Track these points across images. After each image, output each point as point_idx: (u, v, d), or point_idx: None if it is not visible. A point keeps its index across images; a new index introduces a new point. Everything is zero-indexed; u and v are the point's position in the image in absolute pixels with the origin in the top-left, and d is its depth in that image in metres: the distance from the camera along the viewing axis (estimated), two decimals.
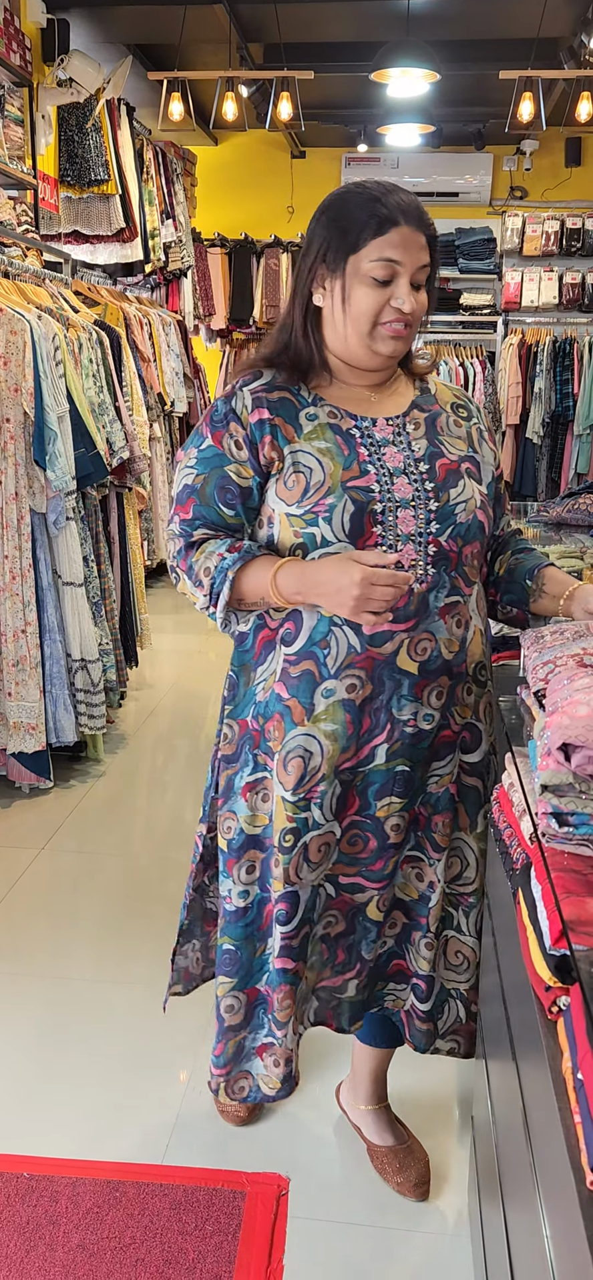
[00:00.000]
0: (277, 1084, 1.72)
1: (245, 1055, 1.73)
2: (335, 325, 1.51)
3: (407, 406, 1.58)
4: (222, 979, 1.70)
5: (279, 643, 1.55)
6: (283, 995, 1.65)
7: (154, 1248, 1.70)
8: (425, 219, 1.50)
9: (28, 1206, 1.77)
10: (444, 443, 1.57)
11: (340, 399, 1.55)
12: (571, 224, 7.51)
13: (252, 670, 1.60)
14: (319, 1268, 1.69)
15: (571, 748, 1.13)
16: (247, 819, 1.63)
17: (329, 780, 1.55)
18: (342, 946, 1.67)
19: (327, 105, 7.23)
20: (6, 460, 3.20)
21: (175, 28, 5.58)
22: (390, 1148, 1.86)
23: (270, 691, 1.56)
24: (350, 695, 1.51)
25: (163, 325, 5.81)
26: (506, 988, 1.34)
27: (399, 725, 1.53)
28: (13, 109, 4.76)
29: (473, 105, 7.35)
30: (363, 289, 1.47)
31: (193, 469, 1.54)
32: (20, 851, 3.05)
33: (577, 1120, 0.87)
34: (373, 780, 1.56)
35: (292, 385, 1.54)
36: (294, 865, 1.58)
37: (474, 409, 1.67)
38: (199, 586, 1.53)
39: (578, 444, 7.24)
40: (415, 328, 1.53)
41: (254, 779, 1.61)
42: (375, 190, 1.48)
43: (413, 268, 1.47)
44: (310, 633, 1.51)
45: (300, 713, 1.53)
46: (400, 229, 1.45)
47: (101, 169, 5.27)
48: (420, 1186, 1.82)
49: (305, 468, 1.49)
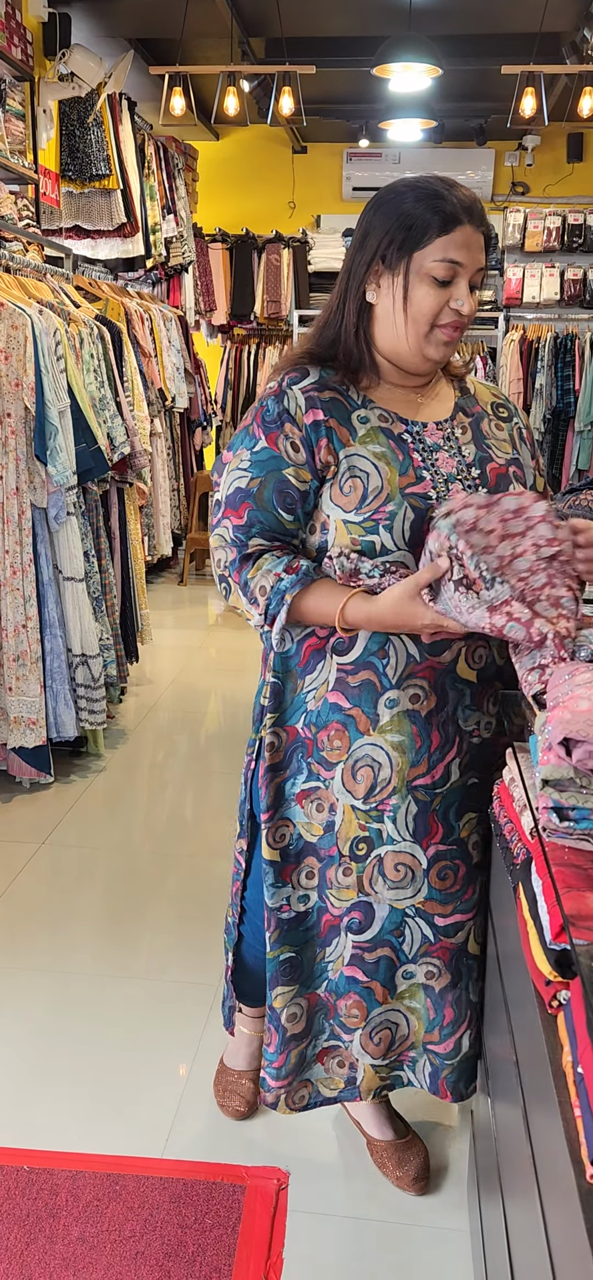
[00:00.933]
0: (341, 1085, 1.70)
1: (307, 1064, 1.70)
2: (390, 324, 1.47)
3: (452, 409, 1.55)
4: (280, 990, 1.65)
5: (330, 652, 1.52)
6: (352, 1003, 1.62)
7: (154, 1240, 1.70)
8: (486, 219, 1.46)
9: (28, 1199, 1.78)
10: (491, 446, 1.55)
11: (389, 401, 1.51)
12: (572, 220, 7.50)
13: (299, 678, 1.56)
14: (319, 1261, 1.70)
15: (572, 743, 1.13)
16: (304, 825, 1.60)
17: (402, 795, 1.52)
18: (450, 1002, 1.62)
19: (328, 100, 7.21)
20: (7, 455, 3.20)
21: (177, 22, 5.57)
22: (390, 1142, 1.86)
23: (323, 700, 1.53)
24: (415, 706, 1.49)
25: (164, 320, 5.80)
26: (505, 983, 1.34)
27: (467, 737, 1.53)
28: (14, 103, 4.75)
29: (475, 100, 7.34)
30: (424, 288, 1.43)
31: (246, 472, 1.47)
32: (20, 846, 3.05)
33: (577, 1114, 0.87)
34: (452, 800, 1.55)
35: (341, 385, 1.49)
36: (368, 876, 1.56)
37: (513, 408, 1.65)
38: (254, 605, 1.47)
39: (579, 440, 7.23)
40: (467, 329, 1.51)
41: (308, 787, 1.58)
42: (438, 186, 1.43)
43: (473, 269, 1.44)
44: (366, 643, 1.49)
45: (366, 722, 1.51)
46: (464, 228, 1.41)
47: (103, 164, 5.26)
48: (420, 1181, 1.82)
49: (362, 472, 1.44)
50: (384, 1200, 1.81)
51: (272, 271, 7.63)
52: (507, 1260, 1.22)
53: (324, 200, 8.25)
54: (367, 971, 1.61)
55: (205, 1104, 2.02)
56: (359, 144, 7.97)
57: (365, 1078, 1.68)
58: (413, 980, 1.63)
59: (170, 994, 2.37)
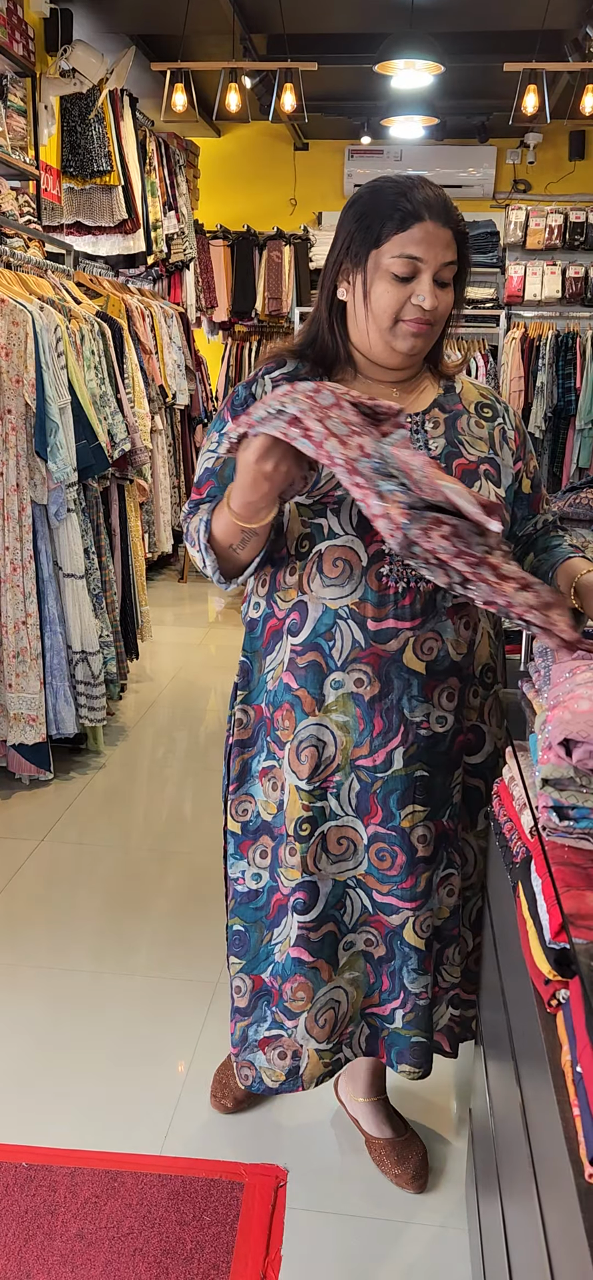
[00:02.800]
0: (281, 1076, 1.71)
1: (249, 1045, 1.74)
2: (357, 320, 1.50)
3: (428, 405, 1.56)
4: (233, 959, 1.73)
5: (286, 632, 1.56)
6: (297, 986, 1.64)
7: (152, 1237, 1.71)
8: (453, 214, 1.46)
9: (26, 1196, 1.78)
10: (464, 443, 1.55)
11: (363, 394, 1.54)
12: (574, 217, 7.49)
13: (262, 658, 1.62)
14: (317, 1259, 1.70)
15: (572, 742, 1.13)
16: (263, 804, 1.65)
17: (345, 772, 1.55)
18: (386, 972, 1.65)
19: (330, 97, 7.20)
20: (8, 451, 3.20)
21: (179, 18, 5.56)
22: (388, 1140, 1.87)
23: (279, 681, 1.58)
24: (359, 690, 1.52)
25: (165, 317, 5.80)
26: (505, 981, 1.34)
27: (413, 728, 1.53)
28: (15, 99, 4.75)
29: (477, 98, 7.33)
30: (383, 285, 1.45)
31: (213, 453, 1.54)
32: (20, 843, 3.05)
33: (576, 1113, 0.87)
34: (394, 787, 1.55)
35: (314, 377, 1.52)
36: (312, 855, 1.59)
37: (502, 409, 1.63)
38: (193, 545, 1.50)
39: (580, 439, 7.22)
40: (440, 326, 1.51)
41: (267, 765, 1.64)
42: (403, 184, 1.45)
43: (436, 265, 1.44)
44: (315, 624, 1.52)
45: (311, 703, 1.54)
46: (424, 224, 1.43)
47: (104, 160, 5.25)
48: (418, 1179, 1.82)
49: None
50: (383, 1198, 1.81)
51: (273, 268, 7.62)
52: (505, 1259, 1.22)
53: (326, 197, 8.24)
54: (313, 951, 1.62)
55: (204, 1101, 2.02)
56: (361, 141, 7.97)
57: (309, 1064, 1.68)
58: (353, 950, 1.65)
59: (169, 991, 2.37)
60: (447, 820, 1.61)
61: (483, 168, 8.02)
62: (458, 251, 1.48)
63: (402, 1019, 1.66)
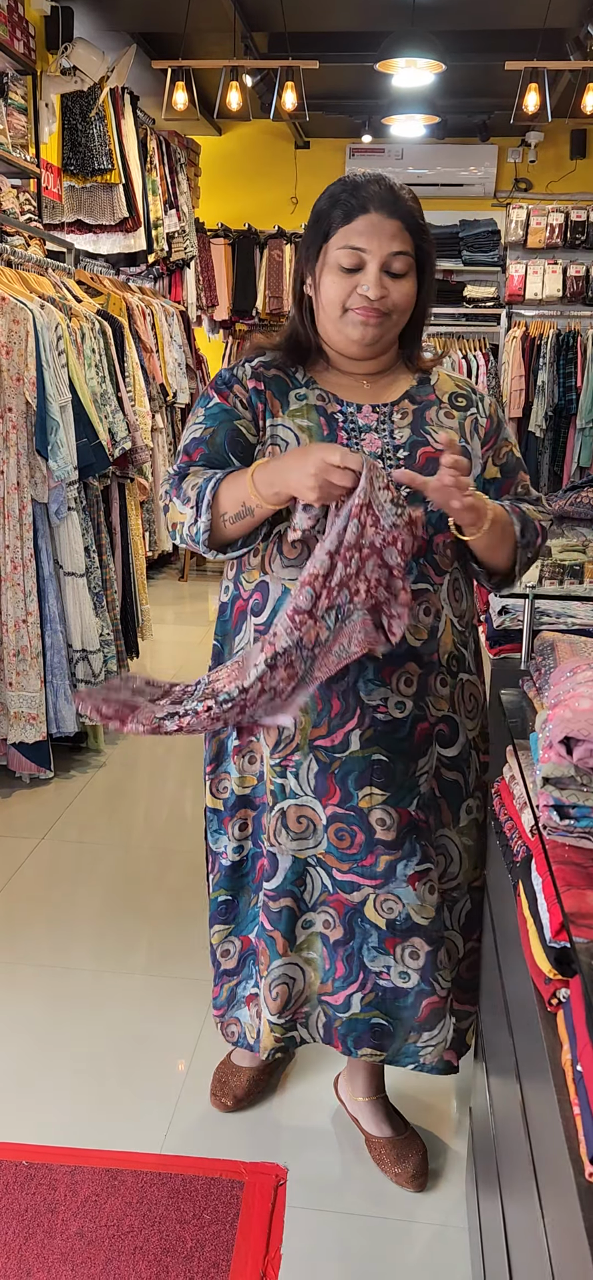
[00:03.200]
0: (255, 1035, 1.76)
1: (237, 1002, 1.78)
2: (317, 313, 1.57)
3: (398, 396, 1.59)
4: (216, 928, 1.78)
5: (249, 612, 1.61)
6: (261, 949, 1.70)
7: (152, 1236, 1.71)
8: (402, 206, 1.50)
9: (26, 1194, 1.78)
10: (431, 432, 1.57)
11: (334, 385, 1.59)
12: (575, 216, 7.48)
13: (231, 639, 1.67)
14: (317, 1258, 1.70)
15: (573, 741, 1.13)
16: (237, 780, 1.70)
17: (304, 752, 1.59)
18: (341, 957, 1.66)
19: (331, 95, 7.20)
20: (8, 450, 3.19)
21: (180, 16, 5.56)
22: (388, 1139, 1.87)
23: None
24: None
25: (165, 316, 5.79)
26: (505, 980, 1.34)
27: (370, 711, 1.55)
28: (16, 97, 4.74)
29: (478, 96, 7.32)
30: (331, 276, 1.51)
31: (201, 424, 1.57)
32: (20, 841, 3.06)
33: (576, 1112, 0.87)
34: (351, 768, 1.57)
35: (289, 367, 1.59)
36: (273, 828, 1.64)
37: (476, 399, 1.65)
38: (186, 502, 1.52)
39: (581, 437, 7.22)
40: (399, 315, 1.54)
41: (239, 743, 1.68)
42: (354, 181, 1.52)
43: (382, 254, 1.48)
44: (275, 604, 1.57)
45: None
46: (368, 216, 1.48)
47: (105, 158, 5.25)
48: (418, 1178, 1.82)
49: (282, 441, 1.53)
50: (382, 1197, 1.81)
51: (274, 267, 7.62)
52: (505, 1258, 1.22)
53: None
54: (271, 920, 1.67)
55: (204, 1100, 2.02)
56: (362, 140, 7.96)
57: (264, 1034, 1.72)
58: (312, 929, 1.67)
59: (169, 989, 2.37)
60: (415, 810, 1.60)
61: (484, 166, 8.02)
62: (416, 244, 1.51)
63: (360, 1003, 1.67)
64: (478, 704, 1.69)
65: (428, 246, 1.53)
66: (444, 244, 7.87)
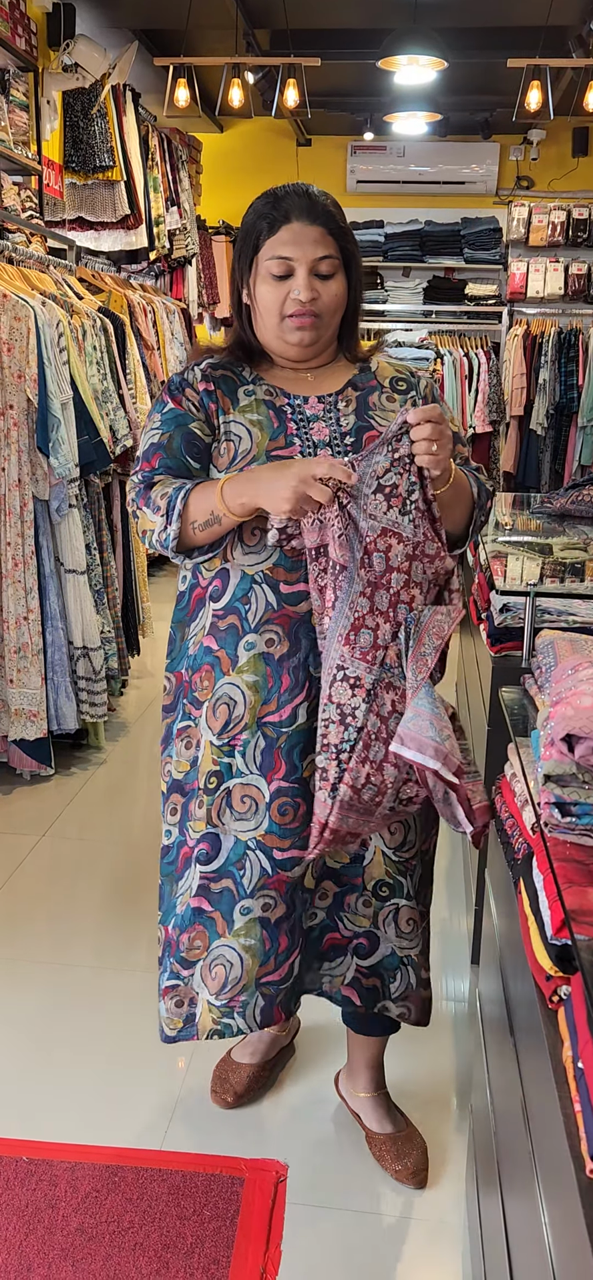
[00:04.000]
0: (179, 1024, 1.76)
1: (158, 993, 1.80)
2: (255, 320, 1.64)
3: (342, 385, 1.66)
4: (158, 911, 1.82)
5: (208, 599, 1.67)
6: (194, 935, 1.71)
7: (152, 1232, 1.71)
8: (321, 212, 1.58)
9: (27, 1190, 1.78)
10: (374, 417, 1.64)
11: (281, 380, 1.66)
12: (577, 214, 7.47)
13: (186, 626, 1.72)
14: (317, 1254, 1.70)
15: (574, 739, 1.13)
16: (175, 764, 1.74)
17: (252, 730, 1.63)
18: (284, 930, 1.69)
19: (333, 93, 7.19)
20: (9, 447, 3.19)
21: (181, 13, 5.56)
22: (389, 1135, 1.87)
23: (200, 645, 1.68)
24: (269, 649, 1.62)
25: (167, 313, 5.79)
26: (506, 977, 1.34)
27: (316, 683, 1.60)
28: (18, 94, 4.74)
29: (480, 94, 7.31)
30: (265, 286, 1.59)
31: (158, 429, 1.64)
32: (21, 838, 3.06)
33: (577, 1109, 0.87)
34: (297, 741, 1.62)
35: (237, 366, 1.67)
36: (216, 808, 1.67)
37: (416, 382, 1.71)
38: (156, 511, 1.59)
39: (582, 435, 7.21)
40: (332, 315, 1.61)
41: (183, 726, 1.73)
42: (276, 193, 1.60)
43: (308, 260, 1.56)
44: (234, 589, 1.62)
45: (227, 663, 1.64)
46: (291, 226, 1.56)
47: (106, 155, 5.24)
48: (418, 1174, 1.82)
49: (236, 436, 1.60)
50: (383, 1193, 1.81)
51: None
52: (506, 1255, 1.22)
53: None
54: (212, 901, 1.70)
55: (204, 1096, 2.02)
56: (364, 137, 7.95)
57: (201, 1015, 1.73)
58: (250, 916, 1.68)
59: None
60: None
61: (486, 164, 8.00)
62: (340, 245, 1.59)
63: (299, 965, 1.72)
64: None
65: (351, 246, 1.62)
66: (446, 242, 7.88)
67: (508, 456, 7.38)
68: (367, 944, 1.73)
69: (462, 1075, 2.10)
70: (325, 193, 1.62)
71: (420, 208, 7.99)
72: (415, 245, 7.83)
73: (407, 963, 1.74)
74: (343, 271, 1.61)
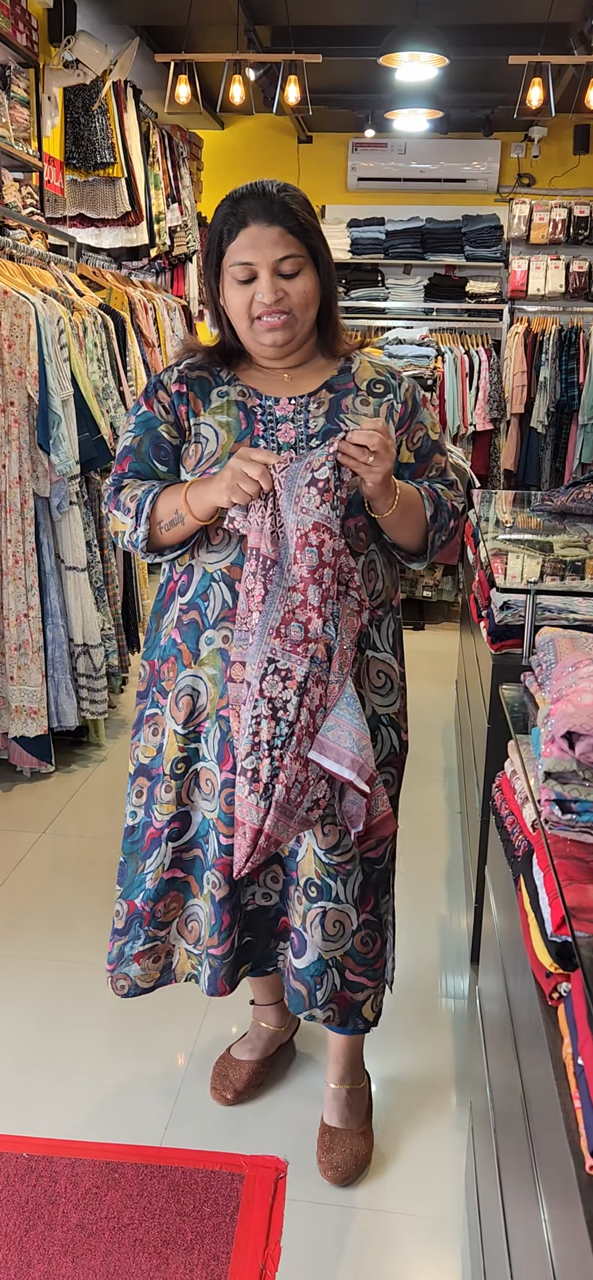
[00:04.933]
0: (156, 974, 1.84)
1: (125, 960, 1.84)
2: (232, 322, 1.65)
3: (316, 387, 1.66)
4: (116, 886, 1.87)
5: (177, 593, 1.72)
6: (170, 900, 1.80)
7: (152, 1228, 1.71)
8: (278, 211, 1.56)
9: (27, 1186, 1.78)
10: (345, 420, 1.64)
11: (256, 380, 1.68)
12: (578, 212, 7.46)
13: (161, 618, 1.78)
14: (317, 1250, 1.70)
15: (575, 736, 1.13)
16: (143, 749, 1.80)
17: (212, 720, 1.69)
18: (227, 909, 1.73)
19: (334, 89, 7.17)
20: (10, 444, 3.19)
21: (182, 10, 5.55)
22: (328, 1128, 1.88)
23: (169, 637, 1.74)
24: (225, 645, 1.66)
25: (168, 310, 5.79)
26: (506, 974, 1.34)
27: None
28: (19, 90, 4.73)
29: (482, 91, 7.30)
30: (232, 290, 1.60)
31: (131, 432, 1.69)
32: (21, 835, 3.06)
33: (577, 1105, 0.87)
34: None
35: (214, 367, 1.69)
36: (186, 789, 1.74)
37: (396, 384, 1.70)
38: (127, 513, 1.65)
39: (583, 434, 7.21)
40: (304, 312, 1.61)
41: (151, 713, 1.79)
42: (234, 196, 1.60)
43: (269, 263, 1.56)
44: (196, 586, 1.68)
45: (189, 656, 1.70)
46: (248, 230, 1.56)
47: (107, 152, 5.24)
48: (339, 1170, 1.82)
49: (203, 438, 1.64)
50: (382, 1190, 1.82)
51: None
52: (505, 1252, 1.22)
53: (329, 191, 8.22)
54: (185, 868, 1.79)
55: (204, 1093, 2.02)
56: (365, 134, 7.93)
57: (180, 961, 1.84)
58: (209, 885, 1.75)
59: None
60: None
61: (487, 161, 7.99)
62: (303, 243, 1.58)
63: (238, 939, 1.78)
64: (393, 684, 1.73)
65: (316, 241, 1.60)
66: (447, 239, 7.86)
67: (509, 454, 7.37)
68: (297, 943, 1.75)
69: (461, 1072, 2.10)
70: (287, 187, 1.59)
71: (422, 205, 7.98)
72: (416, 243, 7.82)
73: (332, 964, 1.73)
74: (311, 266, 1.60)
